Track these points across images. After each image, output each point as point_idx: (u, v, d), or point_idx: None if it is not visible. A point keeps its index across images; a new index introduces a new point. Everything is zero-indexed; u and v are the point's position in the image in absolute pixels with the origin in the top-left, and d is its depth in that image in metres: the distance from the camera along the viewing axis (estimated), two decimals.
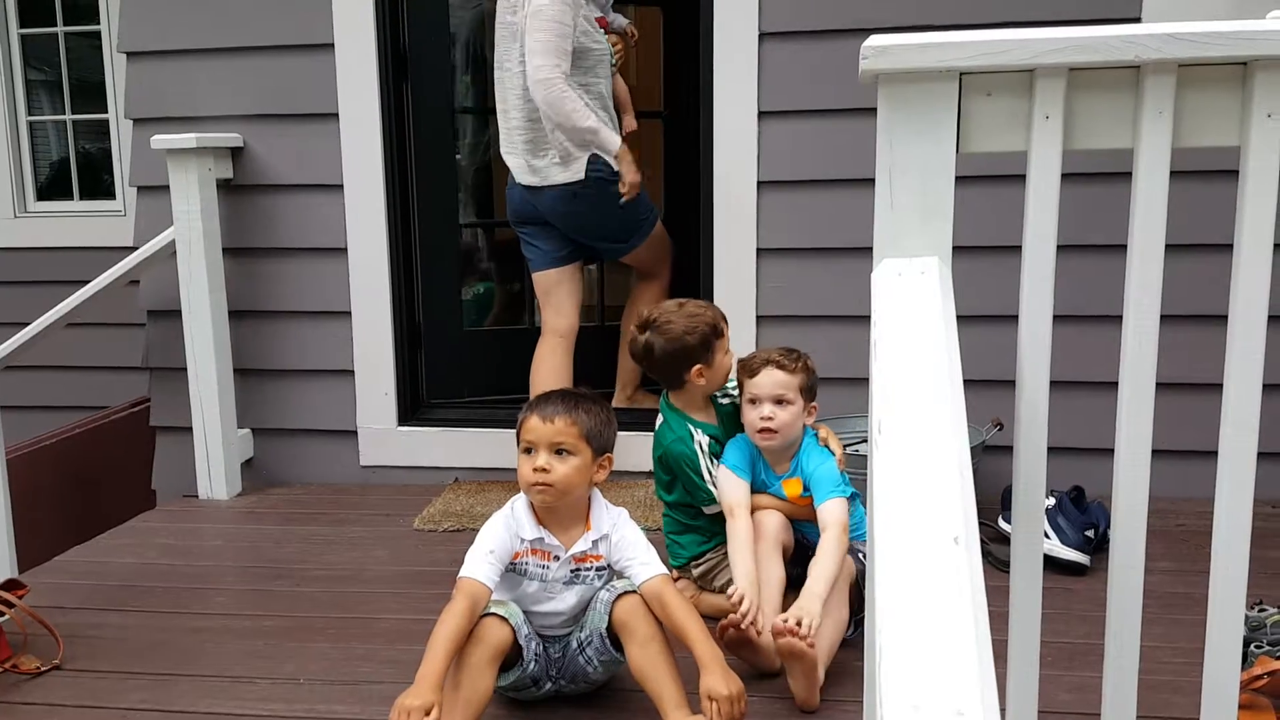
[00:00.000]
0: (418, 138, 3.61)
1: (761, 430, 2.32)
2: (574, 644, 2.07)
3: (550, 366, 3.24)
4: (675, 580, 2.49)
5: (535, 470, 1.99)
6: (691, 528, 2.51)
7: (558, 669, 2.09)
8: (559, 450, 1.99)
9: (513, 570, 2.06)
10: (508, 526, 2.05)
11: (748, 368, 2.37)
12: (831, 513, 2.23)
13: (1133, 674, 1.37)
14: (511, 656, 1.99)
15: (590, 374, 3.61)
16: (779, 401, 2.31)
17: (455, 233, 3.82)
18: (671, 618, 1.97)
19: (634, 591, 2.02)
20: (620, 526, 2.09)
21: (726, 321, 2.46)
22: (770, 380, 2.31)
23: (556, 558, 2.05)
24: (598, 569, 2.08)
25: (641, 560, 2.05)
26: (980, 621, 0.84)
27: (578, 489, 2.03)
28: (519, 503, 2.08)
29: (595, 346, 3.70)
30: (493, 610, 1.98)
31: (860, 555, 2.24)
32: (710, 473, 2.40)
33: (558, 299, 3.31)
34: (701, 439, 2.42)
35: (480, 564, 1.99)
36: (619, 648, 2.03)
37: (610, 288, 4.10)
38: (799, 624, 1.97)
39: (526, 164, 3.16)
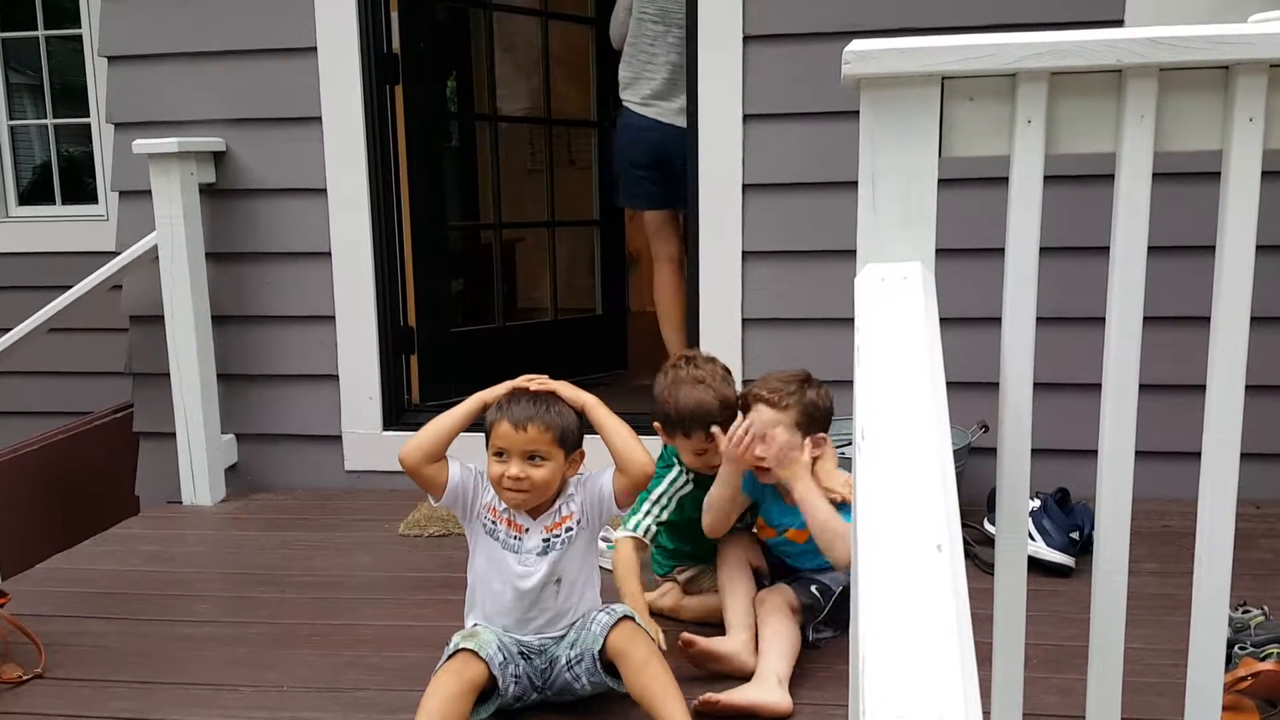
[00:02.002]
0: (404, 140, 3.60)
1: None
2: (563, 659, 2.05)
3: (671, 286, 3.82)
4: (659, 585, 2.50)
5: (509, 478, 1.98)
6: (677, 553, 2.51)
7: (543, 681, 2.07)
8: (532, 456, 1.98)
9: (487, 533, 2.08)
10: (470, 478, 2.09)
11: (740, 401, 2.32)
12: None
13: (1117, 676, 1.37)
14: (487, 689, 1.97)
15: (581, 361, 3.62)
16: (765, 439, 2.21)
17: (442, 235, 3.80)
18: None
19: (630, 618, 2.02)
20: (589, 476, 2.10)
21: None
22: (759, 419, 2.22)
23: (527, 530, 2.06)
24: (567, 529, 2.07)
25: (612, 468, 2.08)
26: (963, 628, 0.84)
27: (552, 490, 2.04)
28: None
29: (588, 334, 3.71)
30: (465, 645, 1.97)
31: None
32: (650, 512, 2.37)
33: (666, 234, 3.88)
34: (681, 487, 2.40)
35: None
36: (610, 671, 2.00)
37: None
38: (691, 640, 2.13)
39: (679, 107, 3.54)
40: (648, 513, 2.36)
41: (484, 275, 4.19)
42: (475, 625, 2.10)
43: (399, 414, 3.68)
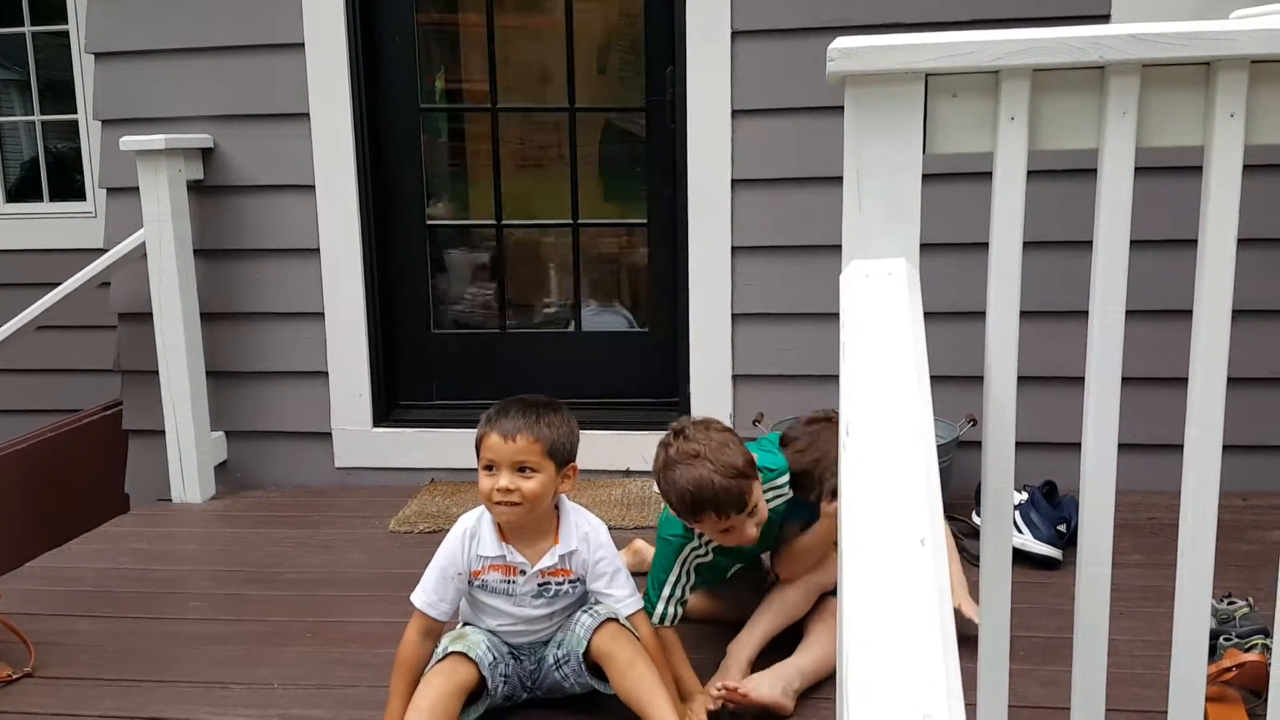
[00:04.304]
0: (387, 136, 3.59)
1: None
2: (550, 659, 2.05)
3: None
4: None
5: (499, 490, 1.93)
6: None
7: (532, 680, 2.07)
8: (522, 468, 1.94)
9: (478, 587, 2.04)
10: (464, 546, 2.02)
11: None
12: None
13: (1101, 668, 1.38)
14: (477, 689, 1.97)
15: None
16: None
17: (423, 232, 3.78)
18: (650, 652, 1.99)
19: (615, 619, 2.00)
20: (595, 545, 2.03)
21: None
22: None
23: (523, 572, 2.01)
24: (570, 581, 2.04)
25: (618, 597, 2.03)
26: (947, 623, 0.85)
27: (543, 504, 1.98)
28: (486, 517, 2.03)
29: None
30: (454, 648, 1.96)
31: None
32: (673, 598, 2.13)
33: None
34: (699, 557, 2.17)
35: (431, 592, 2.01)
36: (596, 673, 2.00)
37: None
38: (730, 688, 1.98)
39: None
40: (668, 599, 2.12)
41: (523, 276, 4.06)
42: (464, 625, 2.10)
43: (390, 410, 3.69)
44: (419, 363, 3.76)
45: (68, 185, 5.15)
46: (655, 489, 3.33)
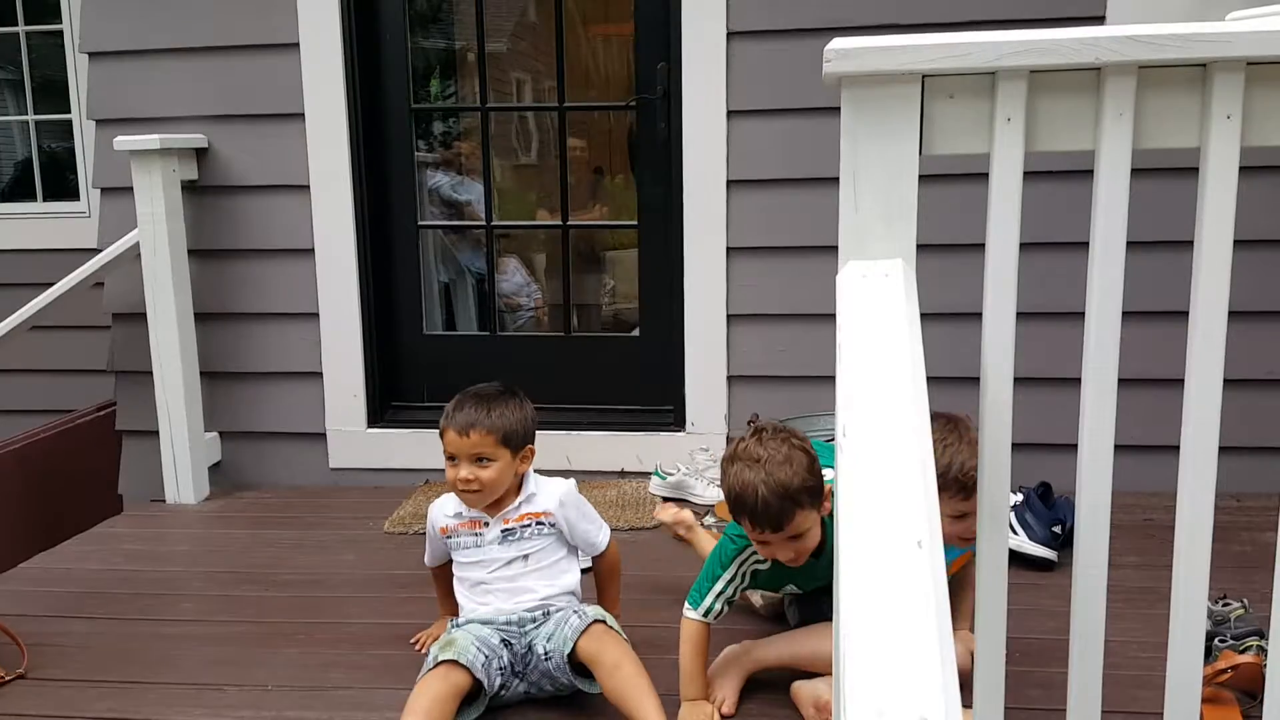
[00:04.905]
0: (381, 136, 3.59)
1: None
2: (540, 650, 2.08)
3: None
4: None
5: (460, 480, 2.10)
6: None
7: (524, 666, 2.09)
8: (479, 459, 2.08)
9: (454, 546, 2.20)
10: (432, 523, 2.24)
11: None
12: None
13: (1098, 670, 1.38)
14: (473, 691, 2.01)
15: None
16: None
17: (416, 233, 3.78)
18: (605, 570, 2.28)
19: (601, 621, 2.06)
20: (567, 504, 2.18)
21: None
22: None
23: (486, 524, 2.16)
24: (537, 524, 2.17)
25: (595, 535, 2.23)
26: (944, 624, 0.84)
27: (503, 486, 2.14)
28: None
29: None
30: (445, 657, 2.00)
31: None
32: (723, 594, 2.06)
33: None
34: (755, 562, 2.08)
35: (429, 554, 2.31)
36: (580, 672, 2.05)
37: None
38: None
39: None
40: (718, 594, 2.06)
41: (473, 276, 4.15)
42: (452, 629, 2.13)
43: (384, 411, 3.68)
44: (413, 364, 3.75)
45: (62, 185, 5.13)
46: (650, 490, 3.34)
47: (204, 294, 3.52)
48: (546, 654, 2.07)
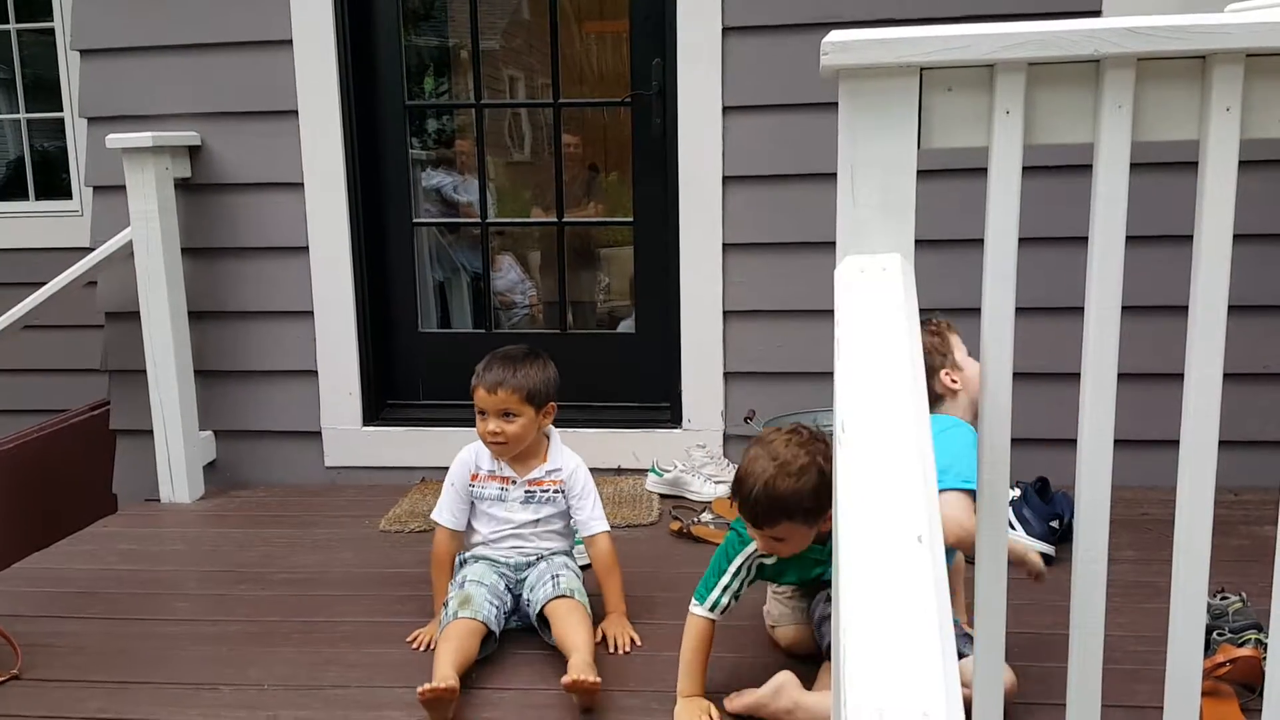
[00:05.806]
0: (375, 134, 3.58)
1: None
2: (525, 596, 2.37)
3: None
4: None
5: (489, 433, 2.35)
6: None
7: (515, 608, 2.39)
8: (506, 414, 2.32)
9: (477, 496, 2.43)
10: (464, 462, 2.45)
11: None
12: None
13: (1097, 664, 1.38)
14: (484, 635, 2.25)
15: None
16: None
17: (411, 230, 3.77)
18: (600, 568, 2.41)
19: (570, 596, 2.30)
20: (577, 475, 2.43)
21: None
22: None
23: (514, 481, 2.41)
24: (554, 491, 2.42)
25: (589, 514, 2.42)
26: (944, 620, 0.84)
27: (527, 439, 2.38)
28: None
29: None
30: (463, 614, 2.22)
31: None
32: (729, 588, 2.06)
33: None
34: (761, 555, 2.07)
35: (446, 510, 2.44)
36: (546, 626, 2.30)
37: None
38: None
39: None
40: (725, 588, 2.05)
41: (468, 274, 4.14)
42: (465, 582, 2.32)
43: (379, 409, 3.67)
44: (408, 362, 3.74)
45: (53, 183, 5.11)
46: (647, 486, 3.33)
47: (198, 292, 3.50)
48: (528, 602, 2.36)
